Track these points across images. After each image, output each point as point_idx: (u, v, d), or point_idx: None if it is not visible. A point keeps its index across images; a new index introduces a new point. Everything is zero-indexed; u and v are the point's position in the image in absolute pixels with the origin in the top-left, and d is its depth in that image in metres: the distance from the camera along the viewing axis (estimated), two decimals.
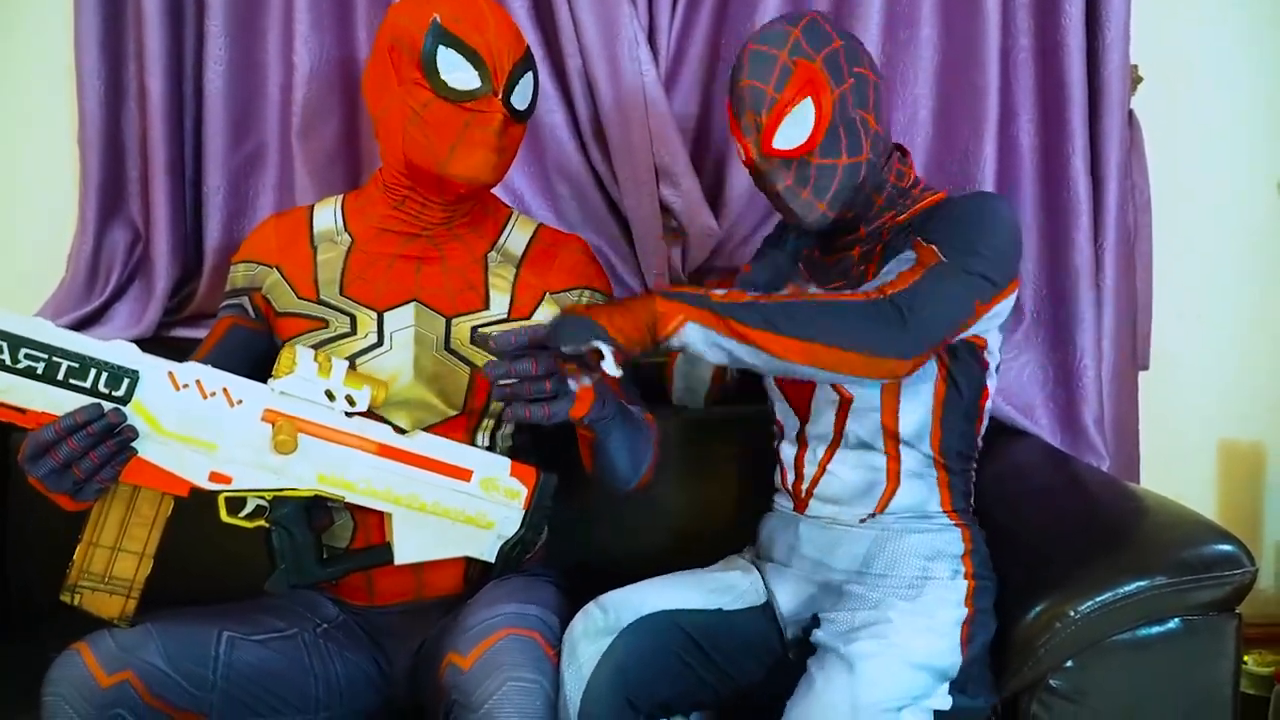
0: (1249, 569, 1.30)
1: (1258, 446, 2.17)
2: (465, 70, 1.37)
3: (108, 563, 1.26)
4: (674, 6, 1.90)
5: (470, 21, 1.38)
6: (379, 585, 1.45)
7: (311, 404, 1.30)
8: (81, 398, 1.19)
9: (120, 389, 1.21)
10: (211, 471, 1.27)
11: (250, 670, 1.33)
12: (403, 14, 1.40)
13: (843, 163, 1.35)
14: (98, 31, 1.87)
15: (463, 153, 1.38)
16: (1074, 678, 1.31)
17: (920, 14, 1.88)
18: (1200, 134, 2.10)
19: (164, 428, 1.23)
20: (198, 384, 1.25)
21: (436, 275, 1.47)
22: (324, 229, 1.51)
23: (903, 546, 1.37)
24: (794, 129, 1.33)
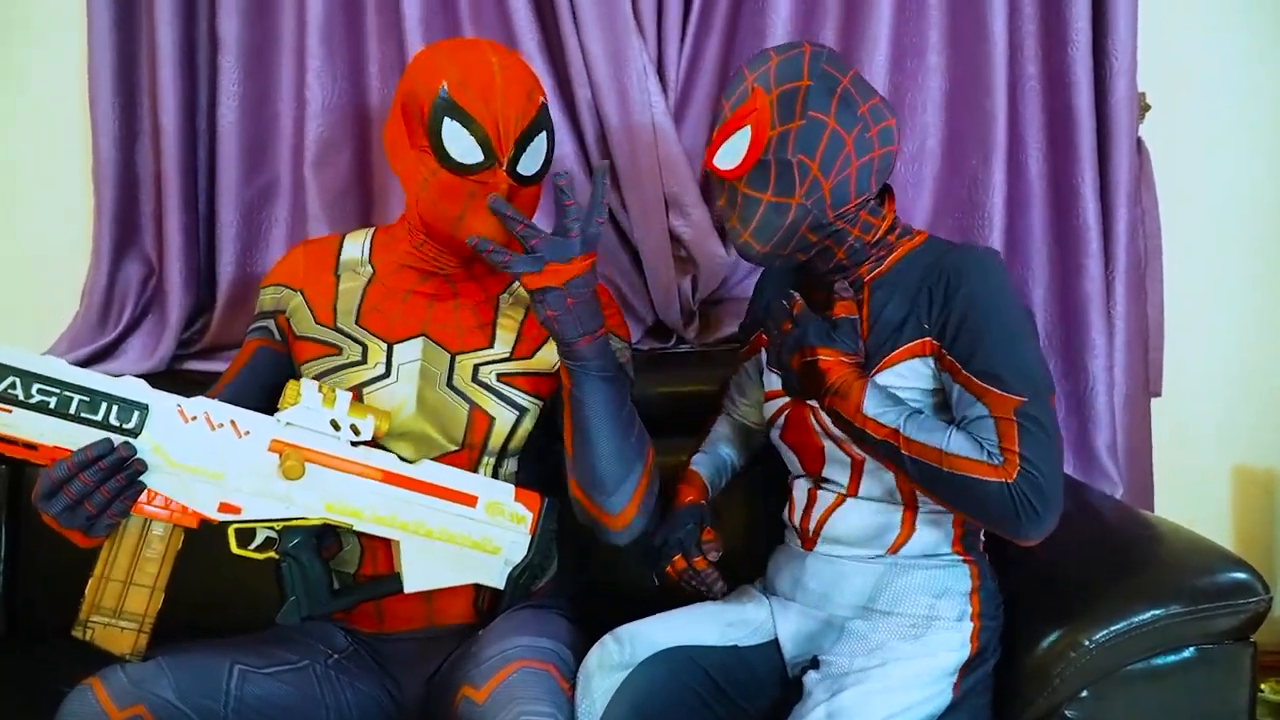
0: (1264, 597, 1.29)
1: (1272, 473, 2.16)
2: (468, 143, 1.37)
3: (119, 597, 1.26)
4: (683, 39, 1.91)
5: (477, 90, 1.37)
6: (389, 613, 1.45)
7: (317, 434, 1.31)
8: (93, 431, 1.20)
9: (131, 421, 1.22)
10: (221, 502, 1.27)
11: (261, 704, 1.33)
12: (416, 75, 1.40)
13: (766, 199, 1.33)
14: (112, 67, 1.90)
15: (470, 220, 1.39)
16: (1089, 707, 1.30)
17: (928, 44, 1.90)
18: (1209, 161, 2.10)
19: (173, 459, 1.24)
20: (206, 416, 1.26)
21: (448, 312, 1.48)
22: (350, 258, 1.53)
23: (909, 583, 1.36)
24: (731, 152, 1.35)
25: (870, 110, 1.34)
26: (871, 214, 1.38)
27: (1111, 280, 1.90)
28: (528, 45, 1.86)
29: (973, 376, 1.26)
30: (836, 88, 1.33)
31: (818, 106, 1.32)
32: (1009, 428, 1.23)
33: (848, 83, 1.34)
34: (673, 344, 1.99)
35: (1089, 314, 1.87)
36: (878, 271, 1.39)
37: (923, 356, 1.33)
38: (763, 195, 1.33)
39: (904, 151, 1.92)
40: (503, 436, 1.45)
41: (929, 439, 1.24)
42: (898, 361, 1.33)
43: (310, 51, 1.85)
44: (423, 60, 1.42)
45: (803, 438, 1.42)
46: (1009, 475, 1.21)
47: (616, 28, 1.83)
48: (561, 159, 1.90)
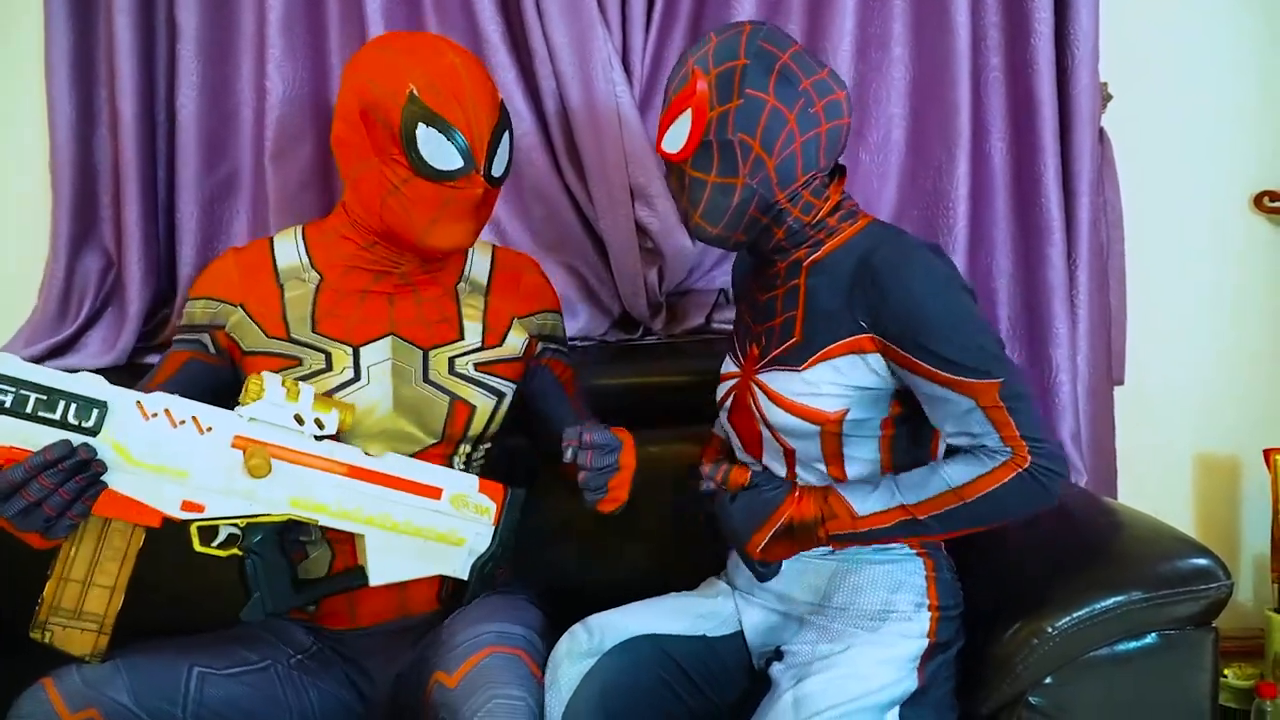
0: (1225, 583, 1.30)
1: (1234, 460, 2.18)
2: (446, 149, 1.34)
3: (79, 598, 1.23)
4: (648, 28, 1.90)
5: (449, 92, 1.34)
6: (361, 608, 1.44)
7: (281, 429, 1.29)
8: (51, 430, 1.17)
9: (90, 420, 1.19)
10: (184, 500, 1.25)
11: (221, 706, 1.31)
12: (375, 81, 1.35)
13: (711, 180, 1.32)
14: (69, 56, 1.87)
15: (443, 226, 1.38)
16: (1053, 694, 1.31)
17: (891, 35, 1.90)
18: (1171, 150, 2.11)
19: (134, 458, 1.21)
20: (166, 413, 1.24)
21: (410, 308, 1.47)
22: (289, 265, 1.47)
23: (863, 579, 1.35)
24: (675, 136, 1.34)
25: (814, 85, 1.32)
26: (814, 194, 1.36)
27: (1074, 269, 1.91)
28: (491, 36, 1.85)
29: (943, 372, 1.24)
30: (775, 64, 1.31)
31: (755, 84, 1.30)
32: (999, 414, 1.23)
33: (787, 59, 1.31)
34: (639, 336, 1.99)
35: (1052, 303, 1.88)
36: (815, 257, 1.37)
37: (863, 353, 1.30)
38: (707, 177, 1.32)
39: (869, 142, 1.92)
40: (483, 423, 1.46)
41: (933, 489, 1.24)
42: (835, 355, 1.31)
43: (270, 41, 1.83)
44: (378, 62, 1.37)
45: (746, 421, 1.41)
46: (1022, 462, 1.22)
47: (581, 18, 1.82)
48: (529, 150, 1.89)
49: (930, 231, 1.91)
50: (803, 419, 1.32)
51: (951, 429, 1.27)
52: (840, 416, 1.32)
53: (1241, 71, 2.11)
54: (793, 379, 1.33)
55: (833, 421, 1.32)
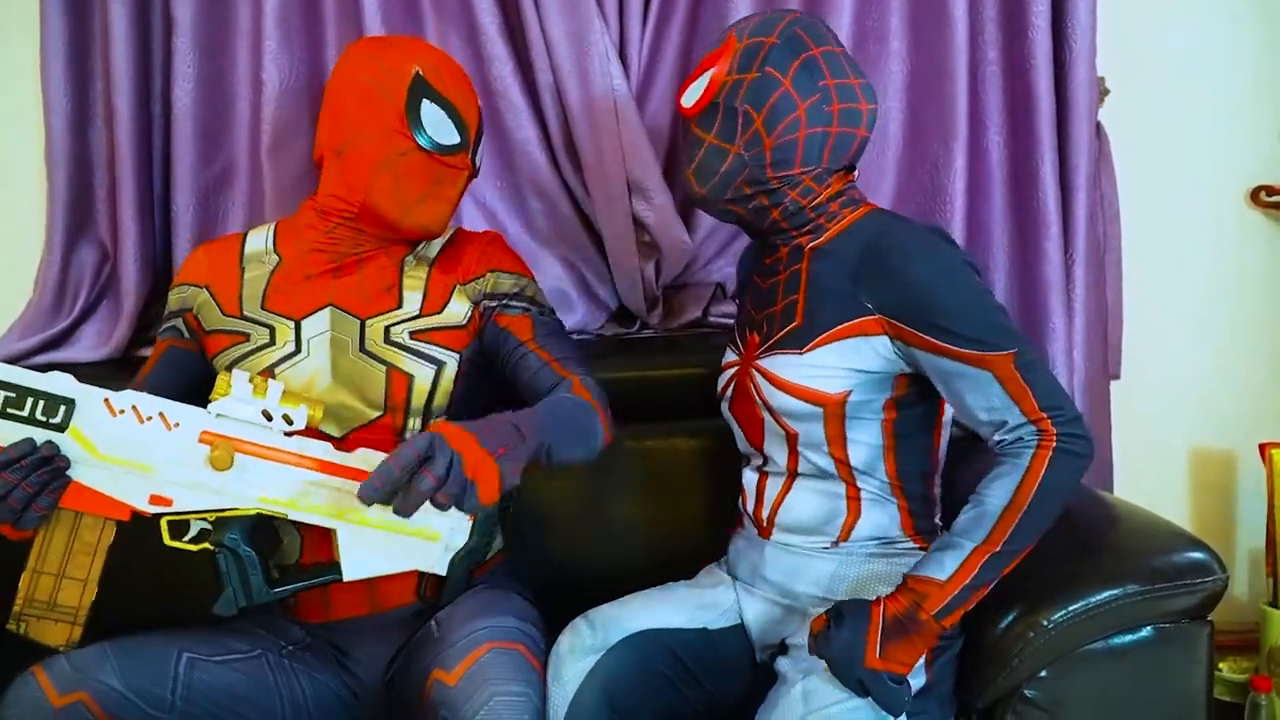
0: (1220, 576, 1.30)
1: (1229, 454, 2.18)
2: (447, 125, 1.44)
3: (52, 590, 1.25)
4: (645, 20, 1.90)
5: (450, 78, 1.46)
6: (334, 599, 1.44)
7: (249, 424, 1.29)
8: (19, 426, 1.19)
9: (57, 416, 1.21)
10: (151, 494, 1.25)
11: (211, 690, 1.32)
12: (381, 61, 1.44)
13: (709, 140, 1.37)
14: (64, 49, 1.86)
15: (429, 205, 1.45)
16: (1048, 687, 1.31)
17: (889, 29, 1.90)
18: (1168, 145, 2.11)
19: (100, 452, 1.23)
20: (134, 409, 1.25)
21: (353, 281, 1.49)
22: (254, 250, 1.53)
23: (866, 573, 1.36)
24: (693, 91, 1.39)
25: (838, 87, 1.34)
26: (816, 180, 1.37)
27: (1071, 264, 1.91)
28: (489, 28, 1.84)
29: (958, 348, 1.25)
30: (802, 52, 1.33)
31: (776, 64, 1.33)
32: (1017, 385, 1.24)
33: (818, 52, 1.34)
34: (636, 329, 1.99)
35: (1048, 297, 1.88)
36: (818, 242, 1.38)
37: (870, 335, 1.31)
38: (706, 136, 1.37)
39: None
40: (424, 394, 1.45)
41: (990, 520, 1.23)
42: (840, 338, 1.32)
43: (266, 34, 1.82)
44: (381, 47, 1.46)
45: (747, 409, 1.42)
46: (1049, 440, 1.23)
47: (578, 11, 1.82)
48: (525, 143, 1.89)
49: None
50: (805, 401, 1.33)
51: (977, 409, 1.27)
52: (843, 398, 1.32)
53: (1238, 66, 2.11)
54: (794, 362, 1.34)
55: (835, 403, 1.33)
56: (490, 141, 1.91)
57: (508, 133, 1.89)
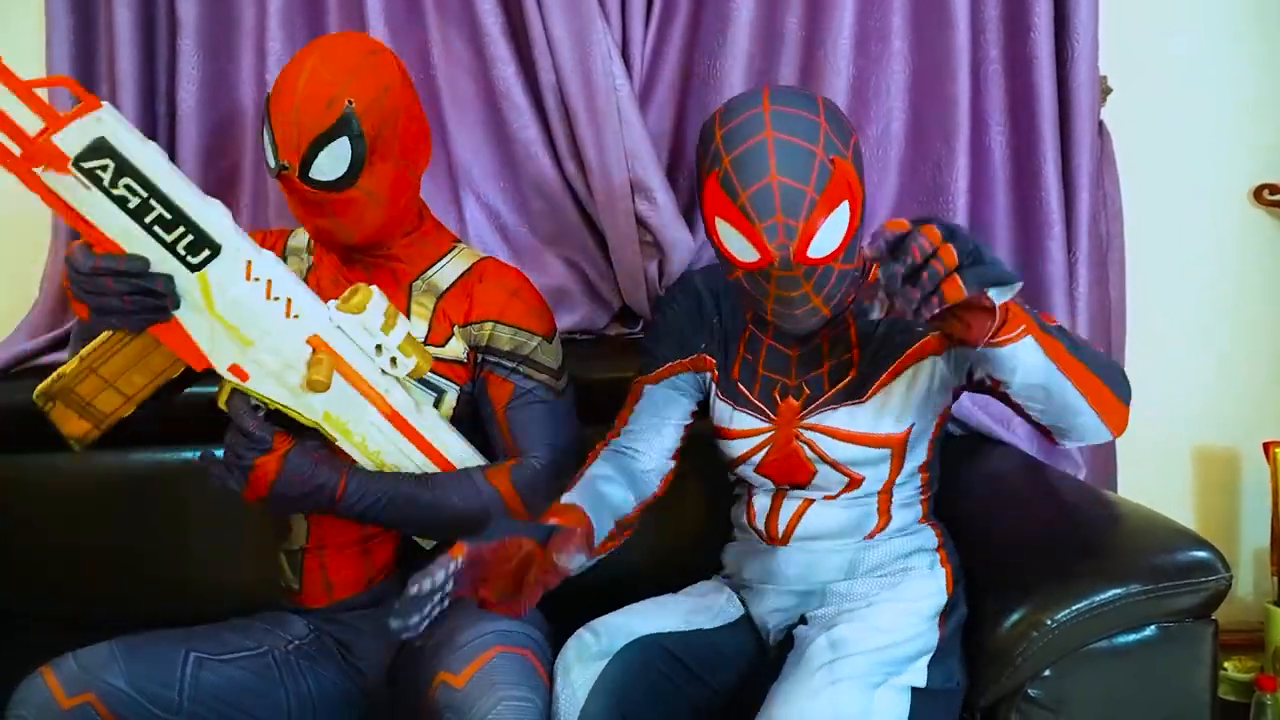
0: (1224, 575, 1.30)
1: (1233, 453, 2.18)
2: (270, 148, 1.34)
3: (95, 392, 1.26)
4: (647, 21, 1.90)
5: (278, 96, 1.33)
6: (334, 578, 1.46)
7: (357, 348, 1.30)
8: (158, 248, 1.18)
9: (197, 257, 1.20)
10: (234, 364, 1.26)
11: (218, 690, 1.33)
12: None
13: (855, 266, 1.27)
14: (69, 49, 1.87)
15: (307, 223, 1.40)
16: (1052, 686, 1.31)
17: (891, 28, 1.89)
18: (1171, 144, 2.11)
19: (215, 308, 1.23)
20: (268, 283, 1.25)
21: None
22: (296, 243, 1.54)
23: (883, 553, 1.41)
24: (830, 235, 1.20)
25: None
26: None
27: (1074, 263, 1.91)
28: (491, 29, 1.84)
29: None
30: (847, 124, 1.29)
31: (860, 156, 1.28)
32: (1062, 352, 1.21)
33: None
34: (639, 329, 1.99)
35: (1052, 296, 1.88)
36: (854, 295, 1.36)
37: (933, 356, 1.33)
38: (853, 265, 1.26)
39: (868, 136, 1.92)
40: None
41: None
42: (899, 372, 1.34)
43: (271, 35, 1.83)
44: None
45: (791, 468, 1.40)
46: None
47: (580, 11, 1.82)
48: (528, 144, 1.88)
49: None
50: (873, 446, 1.35)
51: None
52: (907, 434, 1.36)
53: (1241, 65, 2.10)
54: (857, 413, 1.35)
55: (900, 440, 1.36)
56: (493, 141, 1.92)
57: (511, 133, 1.89)
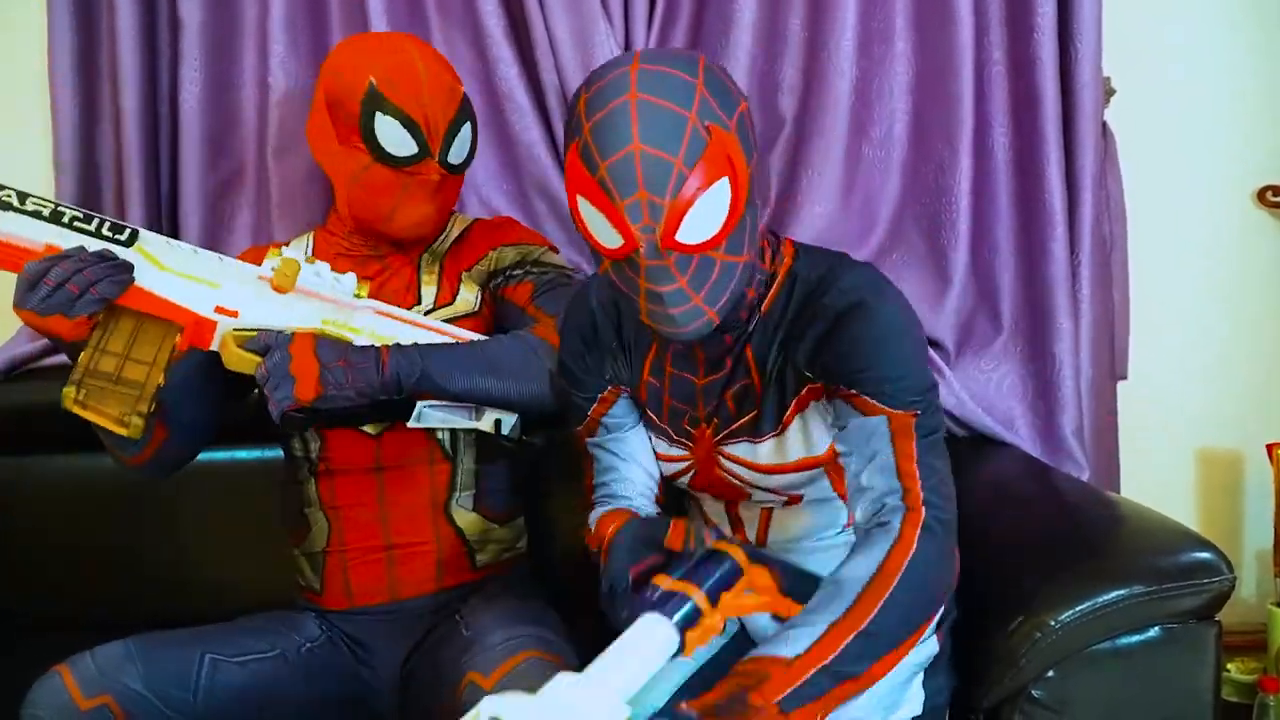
0: (1227, 576, 1.30)
1: (1236, 455, 2.18)
2: (402, 136, 1.41)
3: (117, 366, 1.23)
4: (650, 22, 1.90)
5: (405, 86, 1.42)
6: (355, 584, 1.46)
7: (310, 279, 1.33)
8: (88, 239, 1.23)
9: (124, 234, 1.25)
10: (217, 305, 1.28)
11: (232, 693, 1.34)
12: (339, 73, 1.44)
13: (743, 260, 1.08)
14: (71, 51, 1.88)
15: (404, 212, 1.45)
16: (1055, 688, 1.30)
17: (894, 30, 1.89)
18: (1174, 145, 2.11)
19: (165, 265, 1.26)
20: (194, 252, 1.30)
21: (377, 285, 1.52)
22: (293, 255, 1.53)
23: None
24: (704, 217, 1.02)
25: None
26: (771, 243, 1.21)
27: (1077, 264, 1.91)
28: (494, 30, 1.84)
29: (861, 394, 1.10)
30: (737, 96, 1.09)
31: (753, 126, 1.10)
32: (906, 444, 1.09)
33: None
34: None
35: (1055, 298, 1.88)
36: (752, 328, 1.20)
37: (817, 402, 1.19)
38: (739, 258, 1.08)
39: (871, 137, 1.92)
40: None
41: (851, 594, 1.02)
42: (796, 415, 1.20)
43: (273, 37, 1.83)
44: (344, 58, 1.46)
45: (721, 489, 1.31)
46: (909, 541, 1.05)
47: (583, 12, 1.82)
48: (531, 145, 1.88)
49: (933, 226, 1.91)
50: (798, 471, 1.24)
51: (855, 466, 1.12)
52: (831, 450, 1.22)
53: (1244, 65, 2.10)
54: (774, 445, 1.22)
55: (827, 458, 1.24)
56: (495, 143, 1.91)
57: (513, 134, 1.89)
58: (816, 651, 0.97)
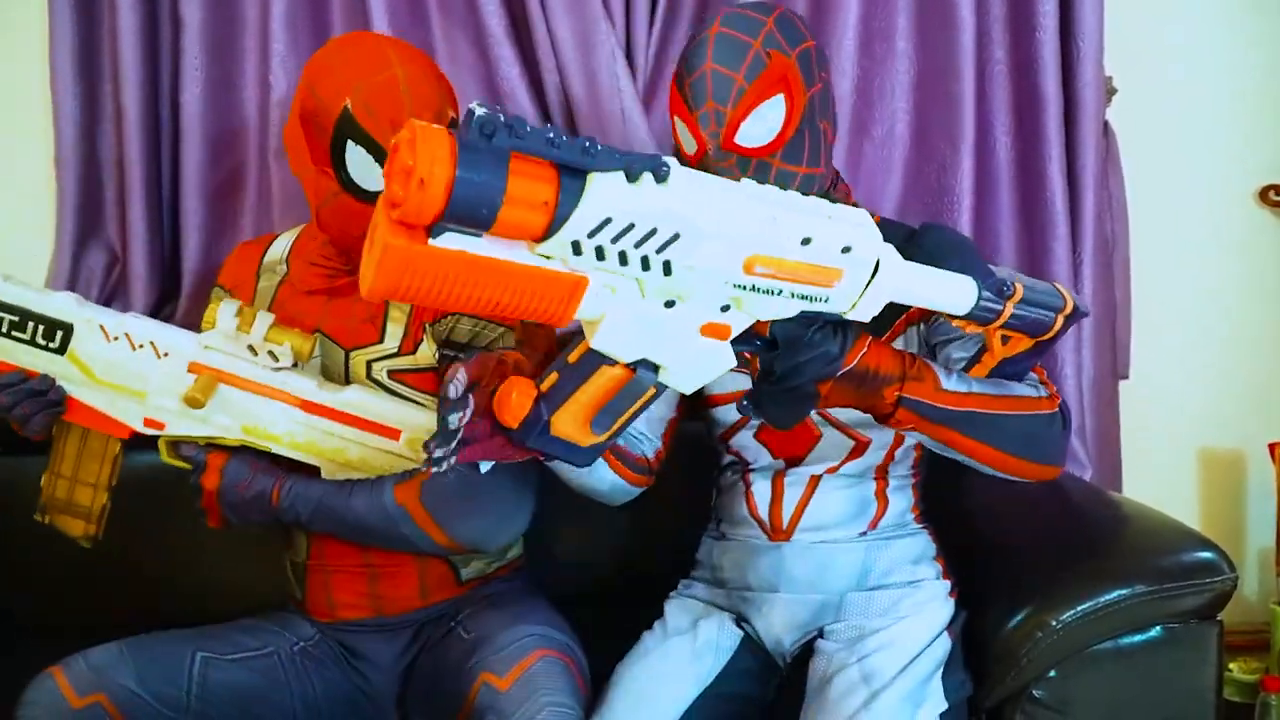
0: (1229, 576, 1.30)
1: (1238, 454, 2.18)
2: (371, 169, 1.30)
3: (68, 491, 1.36)
4: (651, 22, 1.90)
5: (383, 112, 1.29)
6: (337, 599, 1.44)
7: (236, 358, 1.32)
8: (22, 346, 1.30)
9: (55, 340, 1.30)
10: (145, 418, 1.33)
11: (225, 690, 1.34)
12: (316, 89, 1.32)
13: (802, 172, 1.26)
14: (72, 51, 1.87)
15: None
16: (1057, 687, 1.31)
17: (896, 29, 1.89)
18: (1176, 144, 2.11)
19: (97, 376, 1.31)
20: (126, 336, 1.31)
21: (344, 307, 1.43)
22: (272, 259, 1.51)
23: (892, 555, 1.37)
24: (761, 125, 1.23)
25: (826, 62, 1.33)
26: (833, 186, 1.34)
27: (1079, 264, 1.91)
28: (495, 30, 1.84)
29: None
30: (820, 48, 1.30)
31: (824, 67, 1.29)
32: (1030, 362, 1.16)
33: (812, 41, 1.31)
34: None
35: None
36: None
37: (904, 334, 1.31)
38: (798, 169, 1.25)
39: (873, 136, 1.92)
40: None
41: (1004, 391, 1.11)
42: (901, 330, 1.32)
43: (274, 36, 1.83)
44: (322, 71, 1.33)
45: (791, 432, 1.36)
46: (1054, 405, 1.14)
47: (585, 12, 1.82)
48: None
49: None
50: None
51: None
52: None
53: (1246, 65, 2.10)
54: None
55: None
56: None
57: None
58: (957, 399, 1.06)
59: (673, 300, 0.84)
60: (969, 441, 1.10)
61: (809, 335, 0.95)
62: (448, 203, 0.70)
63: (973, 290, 0.96)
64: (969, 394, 1.08)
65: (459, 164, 0.70)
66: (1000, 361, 1.08)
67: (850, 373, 0.99)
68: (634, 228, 0.77)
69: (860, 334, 1.00)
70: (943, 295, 0.95)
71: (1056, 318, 1.03)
